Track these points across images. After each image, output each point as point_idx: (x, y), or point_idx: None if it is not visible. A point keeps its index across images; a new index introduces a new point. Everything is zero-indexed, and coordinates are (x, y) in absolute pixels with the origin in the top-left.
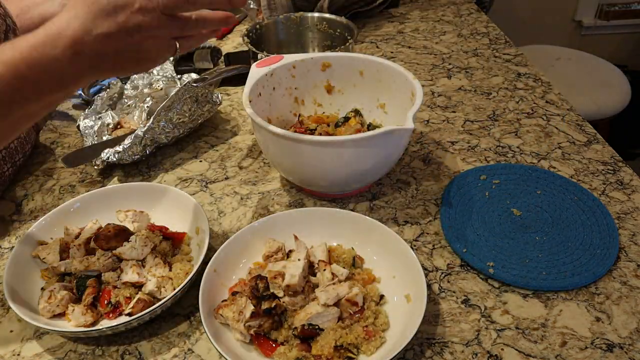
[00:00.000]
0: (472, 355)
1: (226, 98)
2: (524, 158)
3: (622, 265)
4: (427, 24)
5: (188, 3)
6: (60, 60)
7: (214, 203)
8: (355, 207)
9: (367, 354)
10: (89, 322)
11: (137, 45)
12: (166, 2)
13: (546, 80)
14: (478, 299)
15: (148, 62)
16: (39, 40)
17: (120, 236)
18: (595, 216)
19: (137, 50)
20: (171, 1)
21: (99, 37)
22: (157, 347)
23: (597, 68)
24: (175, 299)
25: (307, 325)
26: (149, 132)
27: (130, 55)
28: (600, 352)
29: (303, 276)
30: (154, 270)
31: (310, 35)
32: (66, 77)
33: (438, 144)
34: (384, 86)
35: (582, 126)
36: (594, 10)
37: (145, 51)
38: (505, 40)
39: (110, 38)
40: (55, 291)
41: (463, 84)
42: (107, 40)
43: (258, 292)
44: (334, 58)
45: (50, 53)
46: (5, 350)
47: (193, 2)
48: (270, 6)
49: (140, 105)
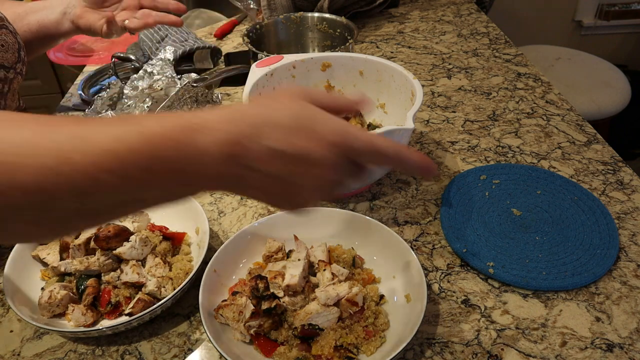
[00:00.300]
0: (472, 355)
1: (226, 98)
2: (524, 158)
3: (622, 265)
4: (427, 24)
5: (376, 155)
6: (209, 154)
7: (214, 203)
8: (355, 207)
9: (367, 354)
10: (89, 322)
11: (298, 177)
12: (359, 146)
13: (546, 80)
14: (478, 299)
15: (296, 200)
16: (193, 122)
17: (120, 236)
18: (595, 216)
19: (292, 183)
20: (364, 148)
21: (264, 149)
22: (157, 347)
23: (597, 68)
24: (175, 299)
25: (307, 325)
26: None
27: (284, 185)
28: (600, 352)
29: (303, 276)
30: (154, 270)
31: (310, 35)
32: (205, 176)
33: (438, 144)
34: (384, 86)
35: (582, 126)
36: (594, 10)
37: (301, 187)
38: (505, 40)
39: (275, 156)
40: (55, 291)
41: (463, 84)
42: (271, 156)
43: (258, 292)
44: (334, 58)
45: (201, 140)
46: (5, 350)
47: (381, 156)
48: (270, 6)
49: (140, 105)
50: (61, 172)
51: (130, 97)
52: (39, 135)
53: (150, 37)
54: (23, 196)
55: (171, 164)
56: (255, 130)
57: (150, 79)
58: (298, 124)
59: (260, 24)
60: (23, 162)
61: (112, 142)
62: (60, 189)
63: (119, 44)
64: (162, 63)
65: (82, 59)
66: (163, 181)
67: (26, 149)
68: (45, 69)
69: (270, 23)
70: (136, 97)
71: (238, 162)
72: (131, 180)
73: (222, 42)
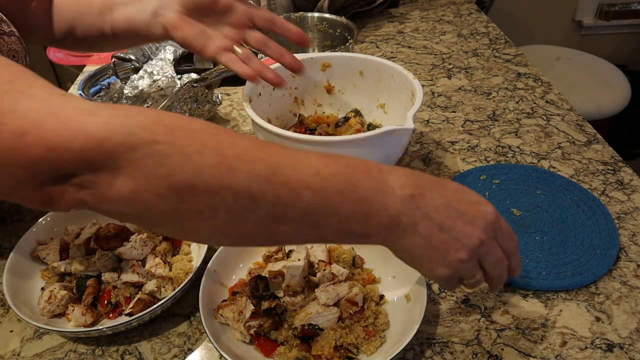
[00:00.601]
0: (472, 355)
1: (226, 98)
2: (524, 158)
3: (622, 265)
4: (427, 24)
5: (512, 240)
6: (394, 192)
7: None
8: None
9: (367, 354)
10: (89, 322)
11: (461, 235)
12: (505, 227)
13: (546, 80)
14: (478, 299)
15: (449, 259)
16: (383, 166)
17: (120, 236)
18: (595, 216)
19: (455, 238)
20: (507, 230)
21: (440, 199)
22: (157, 347)
23: (597, 68)
24: (175, 299)
25: (307, 325)
26: None
27: (447, 239)
28: (600, 352)
29: (303, 276)
30: (154, 270)
31: (310, 35)
32: (385, 211)
33: (438, 144)
34: (384, 86)
35: (582, 126)
36: (594, 10)
37: (460, 245)
38: (505, 40)
39: (448, 208)
40: (55, 291)
41: (463, 84)
42: (445, 207)
43: (258, 292)
44: (334, 58)
45: (390, 179)
46: (5, 350)
47: (513, 244)
48: (270, 6)
49: (140, 105)
50: (271, 182)
51: (130, 97)
52: (256, 147)
53: None
54: (232, 198)
55: (362, 191)
56: (432, 185)
57: (150, 79)
58: (463, 190)
59: None
60: (240, 167)
61: (319, 165)
62: (265, 198)
63: None
64: (162, 63)
65: (82, 59)
66: (348, 209)
67: (245, 155)
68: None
69: None
70: (136, 97)
71: (417, 206)
72: (325, 201)
73: None
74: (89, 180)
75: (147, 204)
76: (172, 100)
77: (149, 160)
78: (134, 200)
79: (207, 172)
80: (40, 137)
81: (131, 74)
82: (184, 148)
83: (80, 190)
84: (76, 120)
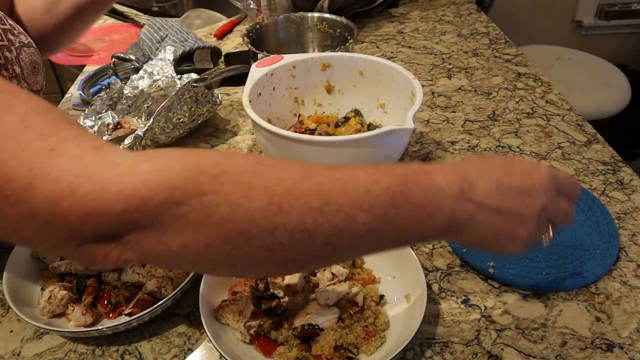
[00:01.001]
0: (472, 355)
1: (226, 98)
2: (523, 158)
3: (622, 265)
4: (427, 24)
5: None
6: (443, 191)
7: None
8: None
9: (367, 354)
10: (89, 322)
11: (522, 207)
12: (563, 180)
13: (546, 80)
14: (478, 299)
15: (519, 234)
16: (428, 167)
17: None
18: (595, 216)
19: (517, 214)
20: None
21: (489, 181)
22: (157, 347)
23: (597, 68)
24: (175, 299)
25: (307, 325)
26: (149, 132)
27: (509, 218)
28: (600, 352)
29: (303, 276)
30: (154, 270)
31: (310, 35)
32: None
33: (438, 144)
34: (384, 86)
35: (582, 126)
36: (594, 10)
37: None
38: (505, 40)
39: (500, 187)
40: (55, 291)
41: (463, 84)
42: (496, 187)
43: (258, 292)
44: (334, 58)
45: (436, 180)
46: (5, 350)
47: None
48: (270, 6)
49: (141, 105)
50: (324, 212)
51: (130, 97)
52: (303, 177)
53: (150, 37)
54: (287, 237)
55: (414, 199)
56: (479, 170)
57: (150, 79)
58: (511, 162)
59: (260, 24)
60: (291, 204)
61: (369, 182)
62: (320, 230)
63: (119, 44)
64: (162, 63)
65: (82, 59)
66: (404, 220)
67: (294, 191)
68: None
69: (270, 23)
70: (136, 97)
71: (468, 197)
72: (379, 218)
73: (222, 42)
74: (134, 240)
75: (198, 254)
76: (172, 100)
77: (196, 214)
78: (183, 254)
79: (259, 216)
80: (77, 202)
81: (131, 74)
82: (231, 195)
83: (125, 250)
84: (114, 183)
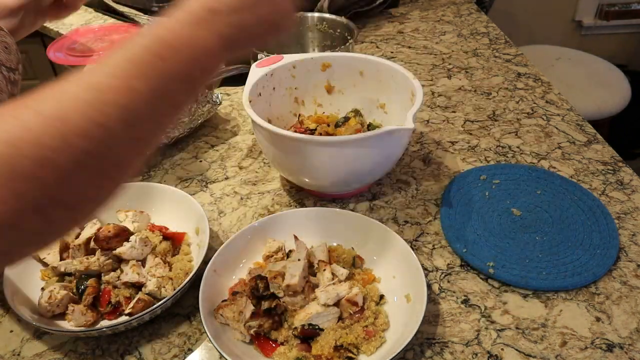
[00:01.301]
0: (472, 355)
1: (226, 98)
2: (524, 158)
3: (622, 265)
4: (427, 24)
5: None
6: (192, 25)
7: (214, 203)
8: (355, 207)
9: (367, 354)
10: (89, 322)
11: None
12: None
13: (546, 80)
14: (478, 299)
15: (283, 6)
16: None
17: (120, 236)
18: (595, 216)
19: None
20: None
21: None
22: (157, 347)
23: (597, 68)
24: (175, 299)
25: (307, 325)
26: None
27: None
28: (600, 352)
29: (303, 276)
30: (154, 270)
31: (310, 35)
32: (201, 41)
33: (438, 144)
34: (384, 86)
35: (582, 126)
36: (594, 10)
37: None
38: (505, 40)
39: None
40: (55, 291)
41: (463, 84)
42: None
43: (258, 292)
44: (334, 58)
45: (181, 16)
46: (5, 350)
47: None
48: None
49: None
50: (104, 101)
51: None
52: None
53: None
54: (83, 142)
55: (173, 43)
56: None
57: None
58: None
59: None
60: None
61: (125, 62)
62: (109, 118)
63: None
64: None
65: (82, 59)
66: (176, 64)
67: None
68: (45, 69)
69: None
70: None
71: (219, 11)
72: (152, 78)
73: None
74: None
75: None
76: None
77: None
78: None
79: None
80: None
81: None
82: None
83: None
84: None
